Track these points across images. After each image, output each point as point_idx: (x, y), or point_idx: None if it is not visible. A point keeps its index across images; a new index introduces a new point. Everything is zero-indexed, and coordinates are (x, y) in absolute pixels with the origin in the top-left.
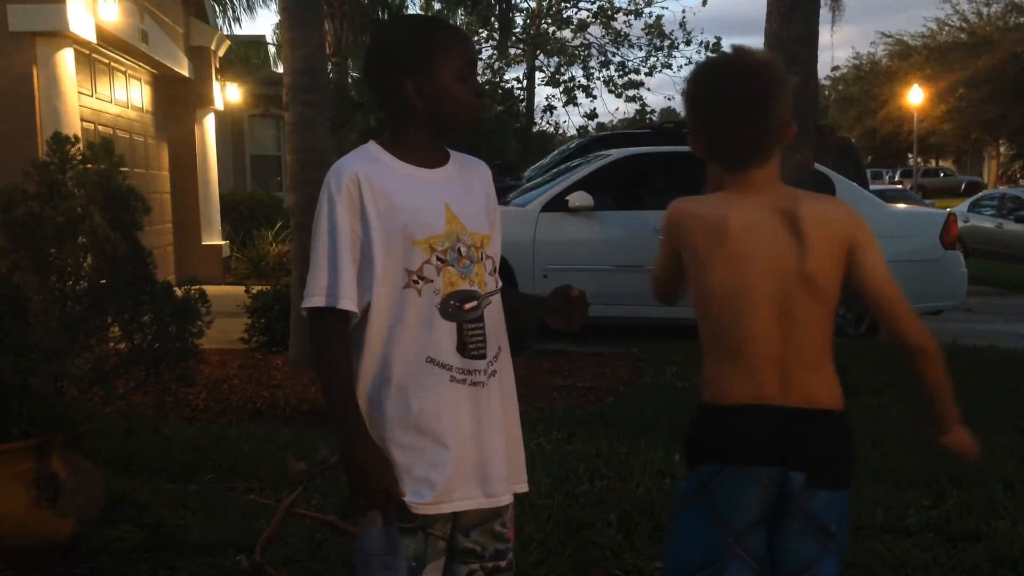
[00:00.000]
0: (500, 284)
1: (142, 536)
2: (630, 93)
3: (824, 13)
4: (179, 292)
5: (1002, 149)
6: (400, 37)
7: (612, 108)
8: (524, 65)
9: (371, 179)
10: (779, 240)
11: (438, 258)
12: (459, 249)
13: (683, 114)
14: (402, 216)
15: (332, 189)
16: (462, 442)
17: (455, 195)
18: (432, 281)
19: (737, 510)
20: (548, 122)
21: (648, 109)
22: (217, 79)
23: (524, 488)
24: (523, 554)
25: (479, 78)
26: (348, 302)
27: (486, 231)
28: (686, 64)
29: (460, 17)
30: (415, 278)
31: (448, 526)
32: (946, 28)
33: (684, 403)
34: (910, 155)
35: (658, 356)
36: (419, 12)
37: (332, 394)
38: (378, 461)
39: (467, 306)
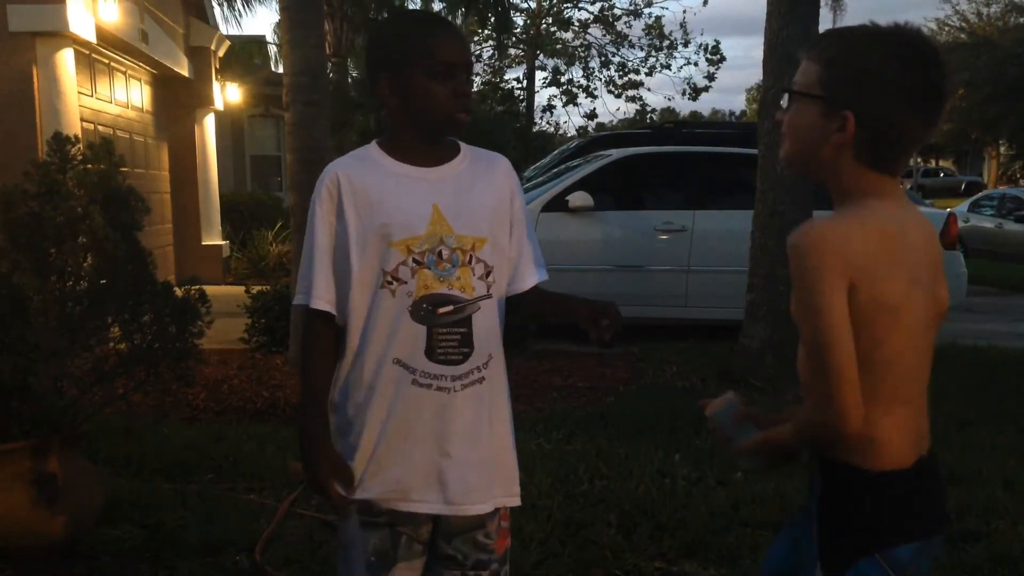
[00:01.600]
0: (492, 288)
1: (142, 536)
2: (630, 93)
3: (824, 13)
4: (179, 292)
5: (1002, 149)
6: (382, 35)
7: (612, 108)
8: (524, 66)
9: (352, 179)
10: (930, 256)
11: (414, 260)
12: (440, 252)
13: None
14: (381, 216)
15: (316, 191)
16: (421, 446)
17: (449, 195)
18: (406, 283)
19: None
20: (548, 122)
21: (648, 109)
22: (217, 79)
23: (514, 502)
24: (523, 554)
25: (476, 78)
26: (321, 302)
27: (482, 233)
28: (685, 64)
29: (460, 17)
30: (389, 279)
31: (421, 529)
32: (946, 28)
33: (684, 403)
34: None
35: (658, 356)
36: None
37: (301, 390)
38: (327, 459)
39: (441, 310)
